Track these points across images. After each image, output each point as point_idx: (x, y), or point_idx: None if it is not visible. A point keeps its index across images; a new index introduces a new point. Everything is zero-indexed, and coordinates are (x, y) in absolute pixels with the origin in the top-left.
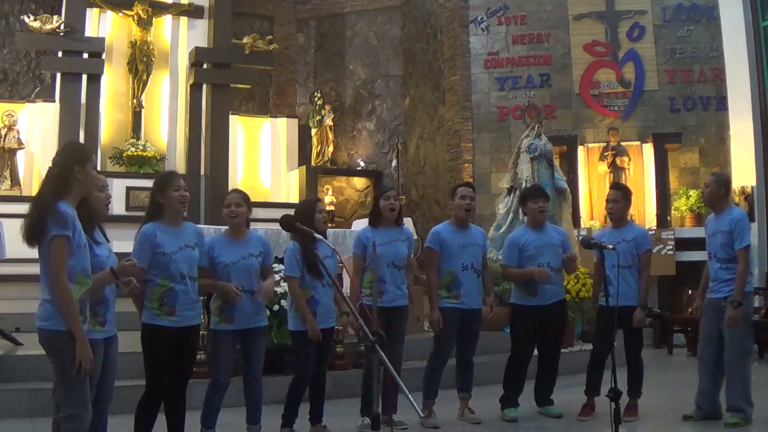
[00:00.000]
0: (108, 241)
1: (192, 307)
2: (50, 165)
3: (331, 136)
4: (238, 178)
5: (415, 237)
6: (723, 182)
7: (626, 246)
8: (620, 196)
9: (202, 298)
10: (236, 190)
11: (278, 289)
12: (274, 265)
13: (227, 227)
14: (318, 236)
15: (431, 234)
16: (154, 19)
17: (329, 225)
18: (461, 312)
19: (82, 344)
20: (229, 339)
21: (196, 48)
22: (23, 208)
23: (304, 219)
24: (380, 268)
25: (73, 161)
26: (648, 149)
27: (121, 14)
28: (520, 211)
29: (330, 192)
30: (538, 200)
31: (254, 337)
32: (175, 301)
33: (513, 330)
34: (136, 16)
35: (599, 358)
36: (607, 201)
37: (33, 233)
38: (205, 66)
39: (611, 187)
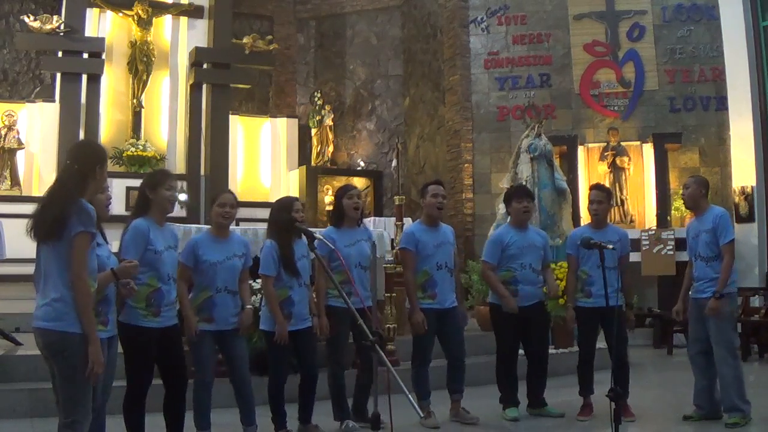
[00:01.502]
0: (107, 242)
1: (172, 308)
2: (68, 161)
3: (331, 136)
4: (238, 178)
5: None
6: (702, 183)
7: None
8: (604, 197)
9: None
10: (231, 192)
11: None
12: None
13: (211, 226)
14: (319, 236)
15: (405, 235)
16: (154, 19)
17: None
18: (437, 312)
19: (96, 348)
20: (209, 339)
21: (196, 48)
22: (23, 208)
23: (281, 216)
24: (348, 269)
25: (95, 160)
26: (648, 149)
27: (121, 14)
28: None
29: (330, 192)
30: (523, 200)
31: (233, 339)
32: (161, 302)
33: (496, 330)
34: (136, 16)
35: (587, 359)
36: (591, 202)
37: (53, 228)
38: (205, 66)
39: (594, 188)
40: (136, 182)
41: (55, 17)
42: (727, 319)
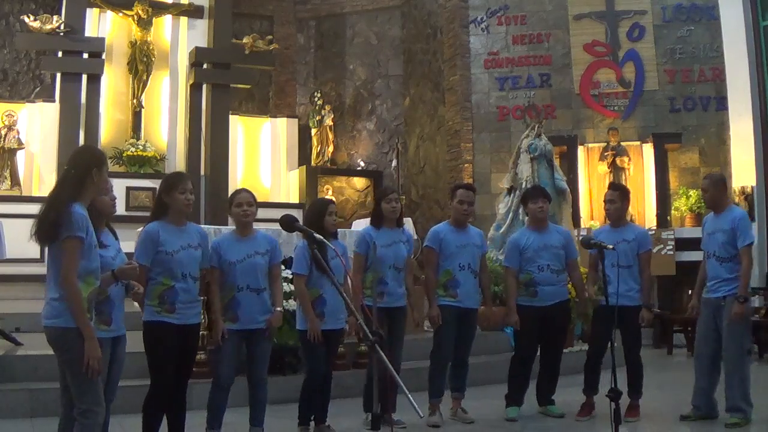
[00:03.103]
0: (117, 241)
1: (192, 306)
2: (66, 166)
3: (331, 136)
4: (238, 178)
5: (415, 237)
6: (719, 183)
7: (627, 246)
8: (617, 196)
9: (202, 297)
10: (246, 190)
11: (284, 288)
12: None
13: (235, 227)
14: (319, 237)
15: (430, 233)
16: (154, 19)
17: None
18: (458, 310)
19: (91, 343)
20: (233, 338)
21: (196, 48)
22: (23, 208)
23: (314, 219)
24: (383, 269)
25: (91, 164)
26: (648, 149)
27: (121, 14)
28: (521, 211)
29: (330, 192)
30: (538, 200)
31: (259, 338)
32: (175, 299)
33: (516, 330)
34: (136, 16)
35: (596, 358)
36: (605, 201)
37: (47, 234)
38: (205, 66)
39: (609, 187)
40: (136, 182)
41: (55, 17)
42: (741, 320)
